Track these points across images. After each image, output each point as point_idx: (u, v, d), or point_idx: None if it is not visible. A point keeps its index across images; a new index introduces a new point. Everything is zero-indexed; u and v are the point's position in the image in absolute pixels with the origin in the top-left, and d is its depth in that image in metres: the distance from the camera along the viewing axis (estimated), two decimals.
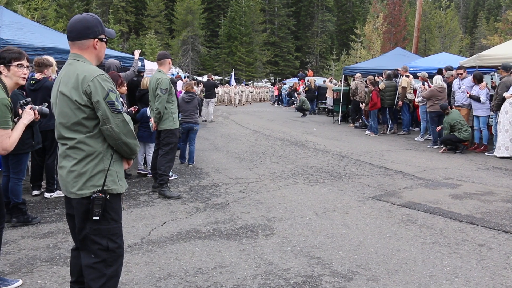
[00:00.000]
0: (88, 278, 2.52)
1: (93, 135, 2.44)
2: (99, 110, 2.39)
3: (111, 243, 2.53)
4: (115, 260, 2.57)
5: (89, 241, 2.50)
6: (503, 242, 4.21)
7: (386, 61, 16.24)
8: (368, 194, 6.10)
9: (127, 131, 2.49)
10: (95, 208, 2.43)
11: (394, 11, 42.43)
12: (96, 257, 2.51)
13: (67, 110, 2.42)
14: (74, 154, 2.45)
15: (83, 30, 2.49)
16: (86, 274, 2.54)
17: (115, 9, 54.52)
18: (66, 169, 2.48)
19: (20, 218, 4.71)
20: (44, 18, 31.95)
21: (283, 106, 28.89)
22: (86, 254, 2.54)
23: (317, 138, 12.08)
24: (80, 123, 2.42)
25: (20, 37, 6.86)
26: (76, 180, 2.44)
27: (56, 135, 2.54)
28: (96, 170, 2.46)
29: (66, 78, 2.44)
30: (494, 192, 6.14)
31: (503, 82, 9.07)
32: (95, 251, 2.50)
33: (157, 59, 6.20)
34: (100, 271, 2.51)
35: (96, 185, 2.45)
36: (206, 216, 5.11)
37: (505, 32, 35.31)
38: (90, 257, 2.51)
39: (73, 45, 2.52)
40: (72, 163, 2.45)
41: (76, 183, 2.44)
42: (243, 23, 54.23)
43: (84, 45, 2.51)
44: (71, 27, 2.50)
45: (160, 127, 6.05)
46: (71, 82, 2.40)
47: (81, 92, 2.38)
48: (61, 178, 2.53)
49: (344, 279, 3.43)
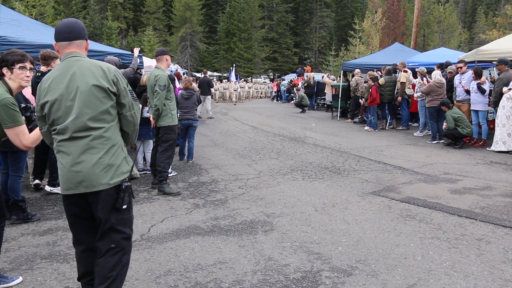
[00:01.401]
0: (104, 266, 2.56)
1: (115, 123, 2.62)
2: (126, 96, 2.63)
3: (131, 231, 2.70)
4: (131, 247, 2.73)
5: (114, 231, 2.58)
6: (501, 237, 4.23)
7: (385, 56, 16.23)
8: (367, 189, 6.10)
9: (139, 117, 2.79)
10: (126, 197, 2.55)
11: (392, 6, 42.26)
12: (117, 246, 2.59)
13: (94, 100, 2.51)
14: (100, 144, 2.52)
15: (82, 31, 2.67)
16: (103, 262, 2.57)
17: (113, 6, 54.36)
18: (91, 162, 2.49)
19: (19, 215, 4.72)
20: (42, 15, 31.79)
21: (282, 102, 28.83)
22: (105, 244, 2.58)
23: (316, 134, 12.08)
24: (108, 111, 2.55)
25: (17, 34, 6.85)
26: (106, 170, 2.52)
27: (78, 127, 2.49)
28: (121, 158, 2.60)
29: (86, 71, 2.53)
30: (493, 187, 6.15)
31: (500, 78, 9.06)
32: (118, 240, 2.60)
33: (155, 55, 6.19)
34: (118, 259, 2.60)
35: (124, 172, 2.59)
36: (206, 212, 5.12)
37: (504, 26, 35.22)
38: (110, 246, 2.58)
39: (70, 45, 2.62)
40: (99, 154, 2.51)
41: (107, 173, 2.52)
42: (241, 19, 54.08)
43: (81, 45, 2.67)
44: (70, 27, 2.63)
45: (159, 124, 6.04)
46: (98, 73, 2.54)
47: (110, 80, 2.56)
48: (81, 173, 2.48)
49: (344, 274, 3.44)
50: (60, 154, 2.56)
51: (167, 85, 5.95)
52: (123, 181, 2.55)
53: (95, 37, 40.14)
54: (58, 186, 5.87)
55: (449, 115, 9.41)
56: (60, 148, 2.55)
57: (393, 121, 13.33)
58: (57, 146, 2.57)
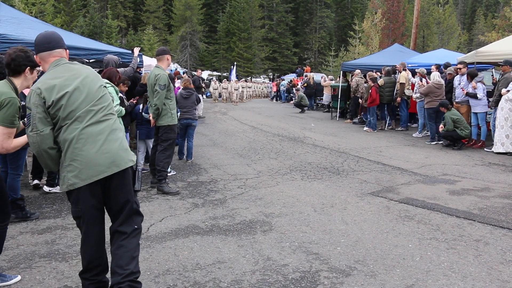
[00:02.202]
0: (130, 247, 2.73)
1: None
2: None
3: None
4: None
5: (135, 213, 2.82)
6: (499, 238, 4.24)
7: (385, 57, 16.24)
8: (366, 190, 6.11)
9: None
10: (138, 179, 2.86)
11: (392, 7, 42.29)
12: (138, 228, 2.82)
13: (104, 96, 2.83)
14: (118, 129, 2.80)
15: (60, 40, 2.87)
16: (127, 244, 2.73)
17: (113, 4, 54.36)
18: (116, 143, 2.72)
19: (18, 214, 4.72)
20: (42, 13, 31.78)
21: (281, 102, 28.84)
22: (128, 226, 2.77)
23: (316, 134, 12.09)
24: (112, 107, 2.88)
25: (17, 32, 6.83)
26: (126, 150, 2.78)
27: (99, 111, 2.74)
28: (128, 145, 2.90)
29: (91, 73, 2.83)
30: (491, 188, 6.17)
31: (505, 78, 9.07)
32: (138, 222, 2.84)
33: (156, 54, 6.18)
34: (139, 240, 2.84)
35: (132, 159, 2.84)
36: (205, 212, 5.12)
37: (503, 28, 35.25)
38: (134, 228, 2.79)
39: (50, 54, 2.80)
40: (120, 135, 2.78)
41: (127, 153, 2.78)
42: (241, 19, 54.08)
43: (62, 54, 2.84)
44: (48, 38, 2.83)
45: (158, 123, 6.04)
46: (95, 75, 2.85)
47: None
48: (110, 154, 2.66)
49: (342, 274, 3.45)
50: (81, 142, 2.61)
51: (167, 85, 5.95)
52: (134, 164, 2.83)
53: (94, 36, 40.03)
54: (56, 186, 5.87)
55: (448, 117, 9.42)
56: (83, 136, 2.62)
57: (392, 122, 13.34)
58: (79, 135, 2.61)
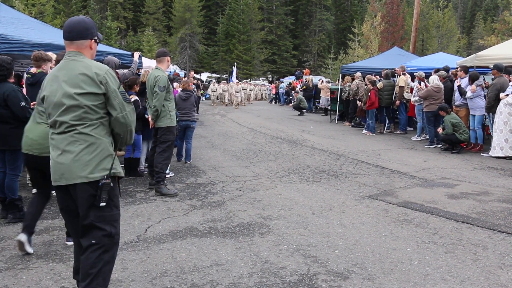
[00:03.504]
0: (86, 263, 2.60)
1: (102, 122, 2.65)
2: (116, 98, 2.63)
3: (113, 229, 2.68)
4: (114, 245, 2.71)
5: (93, 228, 2.62)
6: (498, 242, 4.23)
7: (384, 60, 16.27)
8: (365, 193, 6.11)
9: (134, 119, 2.77)
10: (103, 194, 2.56)
11: (392, 11, 42.44)
12: (97, 243, 2.62)
13: (75, 102, 2.59)
14: (83, 140, 2.59)
15: (83, 31, 2.69)
16: (84, 259, 2.61)
17: (113, 6, 54.32)
18: (72, 155, 2.57)
19: (16, 214, 4.70)
20: (42, 14, 31.77)
21: (280, 105, 28.86)
22: (86, 240, 2.63)
23: (314, 136, 12.09)
24: (92, 110, 2.60)
25: (17, 32, 6.83)
26: (86, 164, 2.57)
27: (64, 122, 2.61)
28: (103, 155, 2.62)
29: (72, 77, 2.60)
30: (490, 192, 6.17)
31: (494, 84, 9.08)
32: (98, 237, 2.62)
33: (156, 56, 6.18)
34: (98, 256, 2.61)
35: (105, 169, 2.61)
36: (203, 214, 5.11)
37: (502, 32, 35.38)
38: (91, 242, 2.62)
39: (71, 44, 2.69)
40: (81, 147, 2.57)
41: (86, 167, 2.57)
42: (241, 21, 54.11)
43: (82, 45, 2.70)
44: (71, 27, 2.68)
45: (157, 125, 6.03)
46: (82, 79, 2.59)
47: (98, 82, 2.59)
48: (63, 165, 2.58)
49: (340, 277, 3.44)
50: (51, 146, 2.67)
51: (167, 86, 5.95)
52: (102, 178, 2.58)
53: None
54: None
55: (447, 121, 9.44)
56: (51, 141, 2.67)
57: (391, 125, 13.35)
58: (49, 139, 2.69)
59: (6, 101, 4.58)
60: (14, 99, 4.60)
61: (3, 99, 4.58)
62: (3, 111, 4.62)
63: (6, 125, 4.66)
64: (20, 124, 4.70)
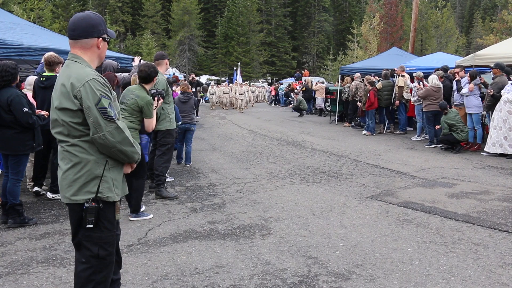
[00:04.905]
0: (76, 281, 2.52)
1: (86, 140, 2.36)
2: (90, 117, 2.29)
3: (102, 250, 2.47)
4: (104, 267, 2.52)
5: (82, 246, 2.48)
6: (499, 241, 4.23)
7: (383, 61, 16.27)
8: (365, 193, 6.11)
9: (122, 138, 2.39)
10: (88, 217, 2.38)
11: (390, 11, 42.49)
12: (86, 263, 2.47)
13: (61, 116, 2.39)
14: (67, 158, 2.39)
15: (88, 28, 2.39)
16: (75, 276, 2.53)
17: (111, 10, 54.39)
18: (61, 173, 2.44)
19: (16, 219, 4.70)
20: (40, 18, 31.85)
21: (280, 106, 28.84)
22: (77, 257, 2.54)
23: (314, 138, 12.09)
24: (73, 127, 2.34)
25: (15, 37, 6.83)
26: (70, 185, 2.39)
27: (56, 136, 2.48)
28: (89, 177, 2.38)
29: (58, 86, 2.40)
30: (490, 191, 6.17)
31: (495, 82, 9.10)
32: (86, 256, 2.47)
33: (155, 59, 6.19)
34: (89, 277, 2.47)
35: (90, 192, 2.38)
36: (203, 216, 5.11)
37: (501, 31, 35.36)
38: (81, 261, 2.49)
39: (75, 44, 2.42)
40: (67, 167, 2.39)
41: (70, 188, 2.39)
42: (239, 23, 54.17)
43: (87, 44, 2.42)
44: (74, 25, 2.39)
45: (157, 128, 6.02)
46: (63, 91, 2.34)
47: (72, 96, 2.30)
48: (58, 179, 2.49)
49: (341, 278, 3.44)
50: None
51: (166, 89, 5.95)
52: (86, 201, 2.37)
53: None
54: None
55: (443, 121, 9.49)
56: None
57: (390, 126, 13.35)
58: None
59: (10, 106, 4.59)
60: (18, 104, 4.61)
61: (7, 104, 4.58)
62: (7, 116, 4.63)
63: (9, 130, 4.66)
64: (23, 129, 4.72)
